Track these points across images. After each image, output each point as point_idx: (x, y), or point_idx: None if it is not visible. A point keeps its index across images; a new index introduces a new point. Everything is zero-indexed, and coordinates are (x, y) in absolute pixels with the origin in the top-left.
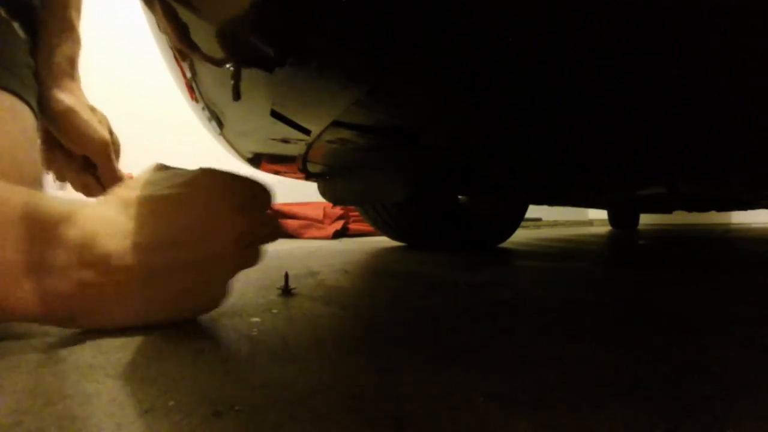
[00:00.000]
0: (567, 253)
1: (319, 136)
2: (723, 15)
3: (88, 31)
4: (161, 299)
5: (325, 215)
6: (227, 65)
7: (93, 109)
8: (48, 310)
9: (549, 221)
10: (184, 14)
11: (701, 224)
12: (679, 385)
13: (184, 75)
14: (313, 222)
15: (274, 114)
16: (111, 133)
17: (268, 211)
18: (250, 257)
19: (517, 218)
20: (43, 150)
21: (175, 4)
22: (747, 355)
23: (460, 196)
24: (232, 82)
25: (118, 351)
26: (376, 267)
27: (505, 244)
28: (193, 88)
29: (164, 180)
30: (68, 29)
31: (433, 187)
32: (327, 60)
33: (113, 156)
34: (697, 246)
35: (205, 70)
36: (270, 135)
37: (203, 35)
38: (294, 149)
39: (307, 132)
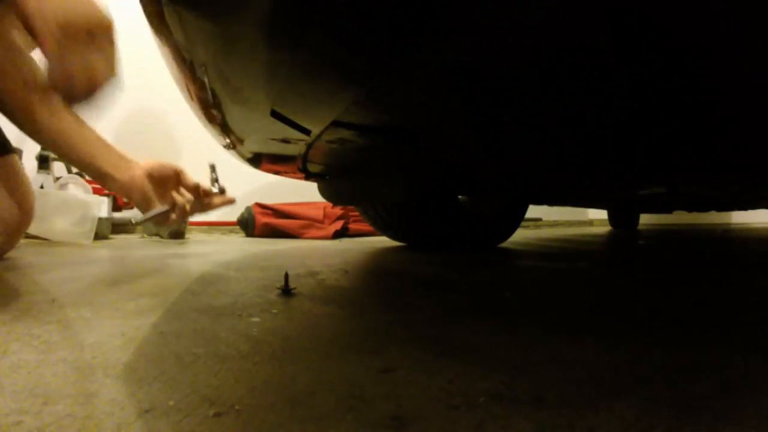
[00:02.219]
0: (567, 253)
1: (319, 136)
2: (723, 15)
3: None
4: None
5: (325, 215)
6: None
7: None
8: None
9: (549, 221)
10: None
11: (701, 224)
12: (679, 385)
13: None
14: (313, 222)
15: (275, 114)
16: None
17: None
18: None
19: (517, 218)
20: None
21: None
22: (747, 356)
23: (460, 196)
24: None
25: (118, 351)
26: (376, 267)
27: (505, 244)
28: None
29: None
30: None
31: (433, 187)
32: (327, 60)
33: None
34: (697, 246)
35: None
36: (270, 135)
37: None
38: (294, 149)
39: (307, 132)
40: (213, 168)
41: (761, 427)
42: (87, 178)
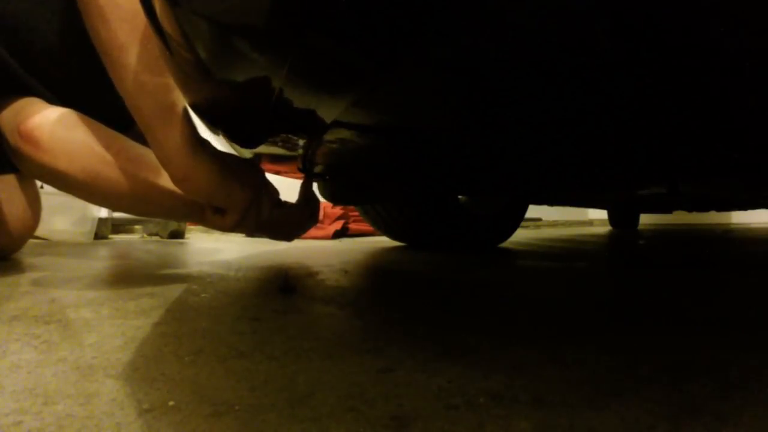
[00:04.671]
0: (567, 253)
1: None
2: (723, 14)
3: None
4: None
5: (325, 215)
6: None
7: None
8: None
9: (549, 221)
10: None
11: (701, 224)
12: (679, 385)
13: None
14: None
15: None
16: None
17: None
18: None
19: (517, 218)
20: None
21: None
22: (747, 355)
23: (460, 196)
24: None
25: (118, 351)
26: (376, 267)
27: (505, 244)
28: None
29: None
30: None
31: (433, 187)
32: (326, 61)
33: None
34: (697, 246)
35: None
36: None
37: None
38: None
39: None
40: None
41: (761, 427)
42: None
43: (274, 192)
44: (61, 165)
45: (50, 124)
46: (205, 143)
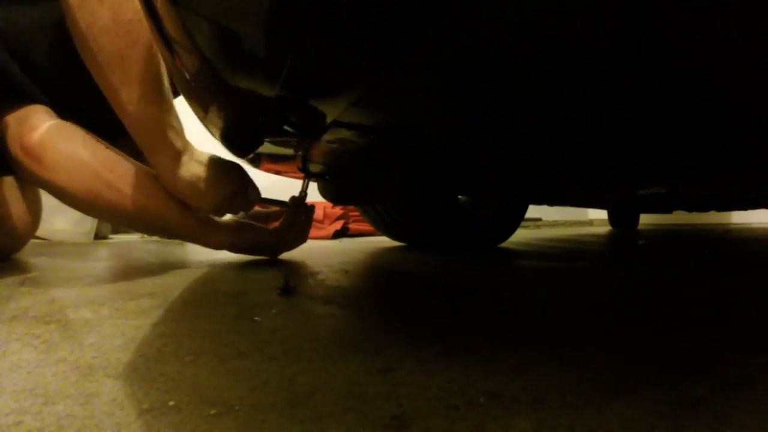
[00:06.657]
0: (567, 253)
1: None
2: (723, 14)
3: None
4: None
5: (325, 215)
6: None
7: None
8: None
9: (549, 221)
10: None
11: (701, 224)
12: (679, 385)
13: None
14: (313, 222)
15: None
16: None
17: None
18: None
19: (517, 218)
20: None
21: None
22: (747, 355)
23: (460, 196)
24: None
25: (118, 351)
26: (376, 267)
27: (505, 244)
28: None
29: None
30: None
31: (433, 187)
32: (325, 60)
33: None
34: (697, 246)
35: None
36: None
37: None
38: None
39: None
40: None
41: (761, 427)
42: None
43: (254, 188)
44: (63, 183)
45: (53, 140)
46: (195, 154)
